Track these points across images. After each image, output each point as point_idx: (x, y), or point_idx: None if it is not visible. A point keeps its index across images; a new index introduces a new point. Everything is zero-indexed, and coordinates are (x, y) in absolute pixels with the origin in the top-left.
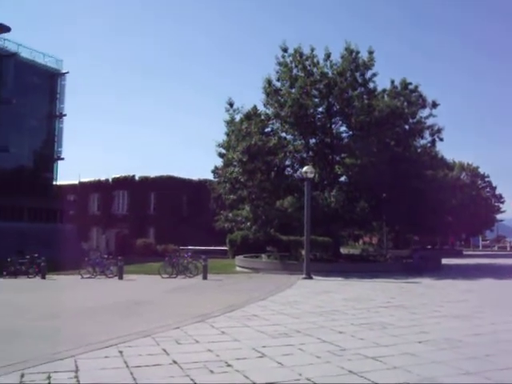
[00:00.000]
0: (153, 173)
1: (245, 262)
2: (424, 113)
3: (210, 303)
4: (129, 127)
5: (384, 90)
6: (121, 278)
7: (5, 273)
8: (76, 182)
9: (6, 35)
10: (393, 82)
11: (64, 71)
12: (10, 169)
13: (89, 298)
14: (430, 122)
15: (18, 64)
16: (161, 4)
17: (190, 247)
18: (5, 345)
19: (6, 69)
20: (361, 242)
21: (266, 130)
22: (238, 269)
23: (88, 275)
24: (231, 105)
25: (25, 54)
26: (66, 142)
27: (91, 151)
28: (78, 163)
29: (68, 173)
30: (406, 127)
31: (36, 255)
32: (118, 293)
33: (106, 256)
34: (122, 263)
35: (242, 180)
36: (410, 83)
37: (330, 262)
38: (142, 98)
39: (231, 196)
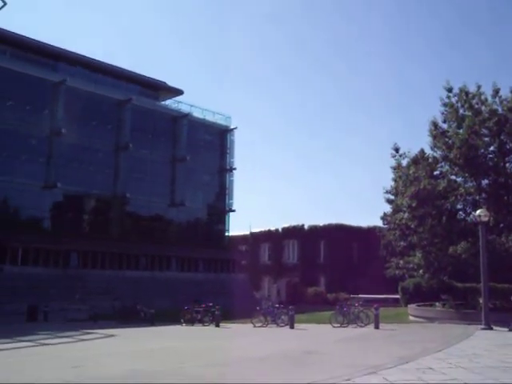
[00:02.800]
0: (322, 221)
1: (418, 310)
2: None
3: (383, 354)
4: (296, 175)
5: None
6: (292, 327)
7: (182, 320)
8: (247, 232)
9: (179, 98)
10: None
11: (232, 127)
12: (186, 222)
13: (259, 347)
14: None
15: (191, 123)
16: (328, 52)
17: (360, 295)
18: None
19: (180, 128)
20: None
21: (435, 173)
22: (411, 318)
23: (260, 324)
24: (397, 150)
25: (196, 113)
26: (236, 194)
27: (260, 201)
28: (249, 214)
29: (239, 224)
30: None
31: (211, 304)
32: (289, 342)
33: (277, 305)
34: (292, 312)
35: (411, 226)
36: None
37: None
38: (307, 144)
39: (401, 243)
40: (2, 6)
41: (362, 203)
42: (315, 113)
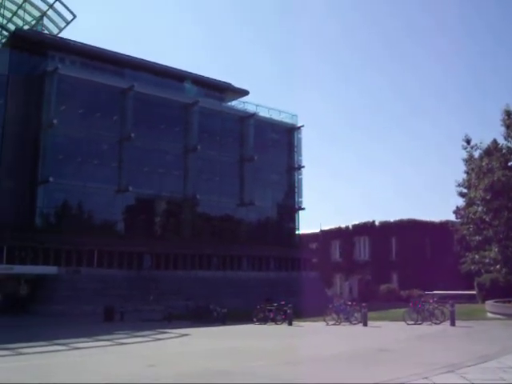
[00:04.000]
0: (393, 217)
1: (496, 307)
2: None
3: (460, 352)
4: (365, 173)
5: None
6: (365, 324)
7: (255, 319)
8: (317, 230)
9: (245, 98)
10: None
11: (299, 125)
12: (256, 221)
13: (332, 345)
14: None
15: (257, 123)
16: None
17: (435, 292)
18: None
19: (247, 128)
20: None
21: (510, 164)
22: (488, 315)
23: (333, 322)
24: (468, 142)
25: (262, 112)
26: (305, 192)
27: (330, 199)
28: (318, 212)
29: (309, 222)
30: None
31: (283, 302)
32: (362, 340)
33: (349, 302)
34: (365, 310)
35: (486, 219)
36: None
37: None
38: (375, 144)
39: (476, 237)
40: (72, 19)
41: (433, 197)
42: (377, 115)
